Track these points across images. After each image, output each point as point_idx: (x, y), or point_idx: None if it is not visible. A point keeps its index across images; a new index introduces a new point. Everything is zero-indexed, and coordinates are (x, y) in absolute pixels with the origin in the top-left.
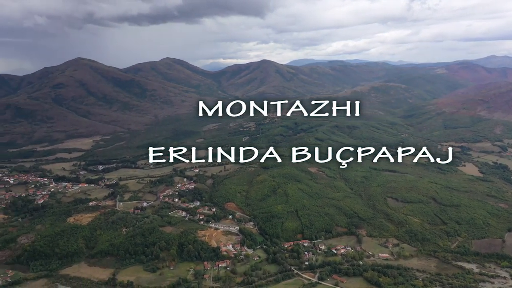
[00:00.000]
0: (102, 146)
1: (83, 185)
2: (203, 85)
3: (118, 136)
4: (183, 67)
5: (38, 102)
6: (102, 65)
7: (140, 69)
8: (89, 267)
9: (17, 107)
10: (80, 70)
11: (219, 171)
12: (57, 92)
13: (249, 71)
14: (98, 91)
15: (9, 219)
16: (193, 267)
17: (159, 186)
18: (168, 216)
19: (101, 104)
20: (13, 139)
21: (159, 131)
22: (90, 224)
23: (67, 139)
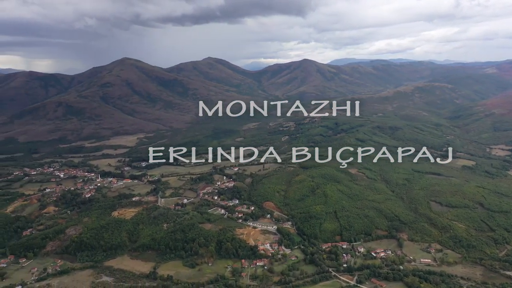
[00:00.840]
0: (146, 143)
1: (127, 180)
2: (243, 84)
3: (161, 133)
4: (224, 67)
5: (87, 100)
6: (147, 65)
7: (182, 68)
8: (131, 260)
9: (68, 105)
10: (126, 69)
11: (258, 170)
12: (104, 90)
13: (289, 70)
14: (142, 90)
15: (59, 211)
16: (230, 265)
17: (199, 183)
18: (208, 213)
19: (145, 103)
20: (64, 135)
21: (200, 129)
22: (133, 219)
23: (113, 136)
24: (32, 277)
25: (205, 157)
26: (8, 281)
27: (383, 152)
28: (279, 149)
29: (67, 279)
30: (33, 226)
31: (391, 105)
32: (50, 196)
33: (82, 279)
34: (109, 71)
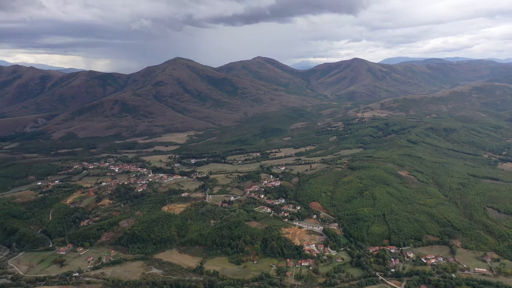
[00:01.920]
0: (195, 141)
1: (177, 177)
2: (292, 83)
3: (210, 131)
4: (273, 66)
5: (141, 98)
6: (198, 64)
7: (232, 68)
8: (179, 254)
9: (123, 102)
10: (178, 69)
11: (305, 170)
12: (157, 89)
13: (339, 69)
14: (193, 88)
15: (113, 204)
16: (275, 263)
17: (246, 181)
18: (254, 211)
19: (196, 101)
20: (119, 132)
21: (248, 128)
22: (182, 214)
23: (165, 133)
24: (88, 265)
25: (252, 155)
26: (66, 268)
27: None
28: (326, 149)
29: (120, 269)
30: (90, 217)
31: (446, 105)
32: (106, 190)
33: (133, 270)
34: (162, 70)
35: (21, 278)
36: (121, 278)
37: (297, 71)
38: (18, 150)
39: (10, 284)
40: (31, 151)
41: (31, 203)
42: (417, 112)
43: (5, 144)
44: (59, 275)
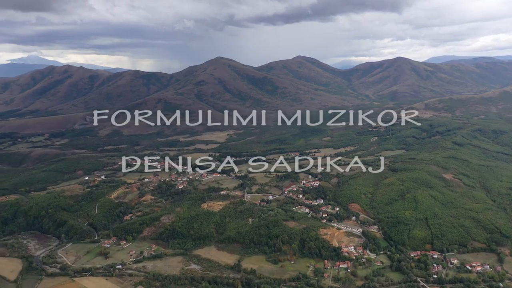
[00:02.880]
0: (235, 139)
1: (217, 175)
2: (333, 83)
3: (250, 131)
4: (313, 65)
5: (183, 97)
6: (238, 64)
7: (272, 67)
8: (217, 251)
9: (166, 101)
10: (219, 68)
11: (345, 171)
12: (199, 88)
13: (381, 69)
14: (234, 88)
15: (155, 200)
16: (313, 264)
17: (285, 181)
18: (292, 211)
19: (236, 100)
20: (161, 129)
21: (288, 127)
22: (221, 212)
23: (205, 131)
24: (130, 258)
25: (291, 155)
26: (110, 260)
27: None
28: (367, 150)
29: (160, 264)
30: (133, 212)
31: (496, 106)
32: (148, 186)
33: (173, 264)
34: (204, 70)
35: (69, 268)
36: (162, 272)
37: (338, 70)
38: (68, 146)
39: (59, 273)
40: (79, 147)
41: (79, 196)
42: (463, 113)
43: (56, 140)
44: (104, 266)
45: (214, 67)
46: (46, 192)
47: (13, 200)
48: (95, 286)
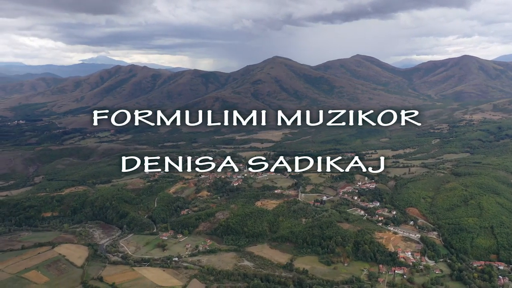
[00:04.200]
0: (290, 138)
1: (271, 173)
2: (392, 82)
3: (305, 130)
4: (372, 64)
5: (239, 96)
6: (295, 63)
7: (329, 66)
8: (270, 249)
9: (223, 100)
10: (276, 67)
11: (403, 173)
12: (255, 87)
13: (445, 68)
14: (290, 87)
15: (211, 196)
16: (367, 268)
17: (340, 182)
18: (346, 212)
19: (292, 100)
20: (218, 128)
21: (344, 128)
22: (274, 210)
23: (261, 130)
24: (186, 252)
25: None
26: (167, 252)
27: None
28: (427, 153)
29: (214, 258)
30: (189, 207)
31: None
32: (204, 182)
33: (226, 260)
34: (261, 69)
35: (130, 257)
36: (215, 267)
37: (398, 69)
38: (131, 142)
39: (121, 262)
40: (141, 143)
41: (140, 190)
42: None
43: (121, 135)
44: (161, 258)
45: (271, 66)
46: (110, 185)
47: (82, 191)
48: (153, 276)
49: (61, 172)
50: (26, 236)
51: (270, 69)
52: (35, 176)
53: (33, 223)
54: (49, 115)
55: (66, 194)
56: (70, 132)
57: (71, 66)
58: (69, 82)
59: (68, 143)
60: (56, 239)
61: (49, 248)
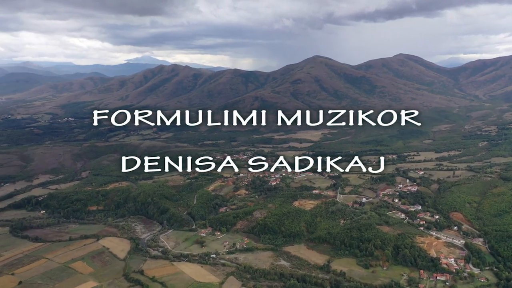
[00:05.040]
0: (329, 139)
1: (309, 173)
2: (437, 82)
3: (345, 130)
4: (416, 63)
5: (279, 96)
6: (336, 62)
7: (371, 65)
8: (307, 249)
9: (263, 99)
10: (316, 67)
11: (447, 176)
12: (295, 87)
13: (495, 67)
14: (330, 87)
15: (249, 195)
16: (407, 273)
17: (380, 184)
18: (386, 215)
19: (332, 99)
20: (257, 127)
21: (385, 128)
22: (312, 211)
23: (300, 130)
24: (224, 249)
25: (387, 157)
26: (205, 249)
27: None
28: (474, 156)
29: (251, 257)
30: (228, 204)
31: None
32: (242, 181)
33: (263, 258)
34: (301, 68)
35: (169, 252)
36: (252, 265)
37: (443, 68)
38: (172, 140)
39: (160, 256)
40: (182, 141)
41: (180, 187)
42: None
43: (162, 133)
44: (199, 254)
45: (311, 66)
46: (152, 181)
47: (125, 187)
48: (192, 271)
49: (106, 167)
50: (73, 228)
51: (310, 68)
52: (82, 171)
53: (80, 216)
54: None
55: (111, 189)
56: (115, 129)
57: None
58: (115, 81)
59: (113, 140)
60: (101, 232)
61: (94, 240)
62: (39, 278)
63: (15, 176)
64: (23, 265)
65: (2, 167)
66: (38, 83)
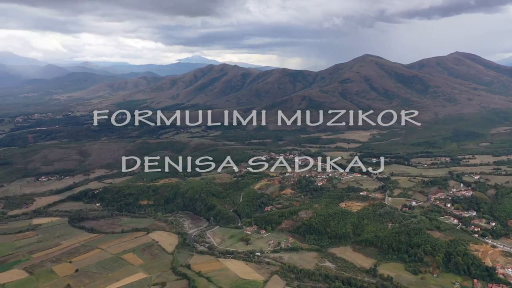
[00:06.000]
0: (378, 139)
1: (357, 175)
2: (496, 82)
3: (395, 131)
4: (473, 62)
5: (327, 95)
6: (387, 61)
7: (424, 64)
8: (353, 252)
9: (310, 98)
10: (366, 66)
11: (506, 182)
12: (343, 86)
13: None
14: (380, 86)
15: (295, 195)
16: (459, 281)
17: (431, 187)
18: (437, 220)
19: (382, 99)
20: (304, 126)
21: (438, 130)
22: (359, 213)
23: (348, 130)
24: (269, 247)
25: (439, 160)
26: (250, 247)
27: None
28: None
29: (296, 256)
30: (273, 203)
31: None
32: (288, 180)
33: (308, 259)
34: (350, 67)
35: (215, 248)
36: (297, 265)
37: (504, 67)
38: (220, 138)
39: (207, 252)
40: (230, 139)
41: (227, 184)
42: None
43: (211, 131)
44: (244, 252)
45: (360, 65)
46: (200, 178)
47: (174, 183)
48: (237, 268)
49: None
50: (125, 221)
51: (359, 67)
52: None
53: (132, 209)
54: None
55: (161, 184)
56: (166, 127)
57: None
58: (166, 81)
59: (163, 137)
60: (151, 226)
61: (145, 233)
62: (93, 267)
63: (74, 170)
64: (79, 254)
65: (62, 161)
66: (96, 82)
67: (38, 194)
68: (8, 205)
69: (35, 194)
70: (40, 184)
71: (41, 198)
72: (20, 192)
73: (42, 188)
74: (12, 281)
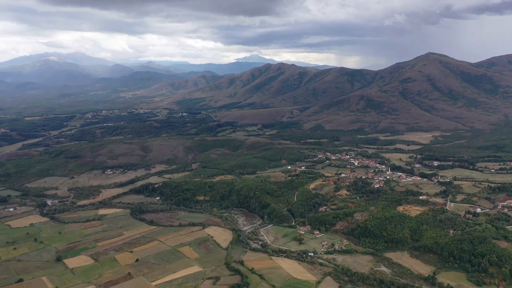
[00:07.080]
0: (441, 142)
1: (416, 178)
2: None
3: (459, 133)
4: None
5: (386, 95)
6: (452, 60)
7: (494, 63)
8: (411, 258)
9: (369, 98)
10: (429, 65)
11: None
12: (404, 86)
13: None
14: (444, 86)
15: (350, 196)
16: None
17: (499, 194)
18: (505, 229)
19: (445, 100)
20: (362, 126)
21: (508, 133)
22: (418, 217)
23: (407, 131)
24: (322, 248)
25: (509, 165)
26: (303, 247)
27: None
28: None
29: (349, 259)
30: (328, 204)
31: None
32: (344, 181)
33: (362, 262)
34: (411, 66)
35: (268, 246)
36: (350, 268)
37: None
38: (275, 137)
39: (260, 249)
40: (285, 138)
41: (281, 183)
42: None
43: (267, 130)
44: (297, 251)
45: (423, 64)
46: (255, 176)
47: (230, 180)
48: (289, 267)
49: (214, 161)
50: (182, 215)
51: (422, 66)
52: (192, 163)
53: (189, 204)
54: (206, 109)
55: (217, 181)
56: (223, 125)
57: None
58: (225, 80)
59: (220, 135)
60: (206, 221)
61: (200, 228)
62: (152, 258)
63: (136, 164)
64: (139, 244)
65: (126, 156)
66: (158, 81)
67: (104, 186)
68: (78, 196)
69: (101, 186)
70: (106, 176)
71: (107, 190)
72: (88, 184)
73: (107, 181)
74: (80, 266)
